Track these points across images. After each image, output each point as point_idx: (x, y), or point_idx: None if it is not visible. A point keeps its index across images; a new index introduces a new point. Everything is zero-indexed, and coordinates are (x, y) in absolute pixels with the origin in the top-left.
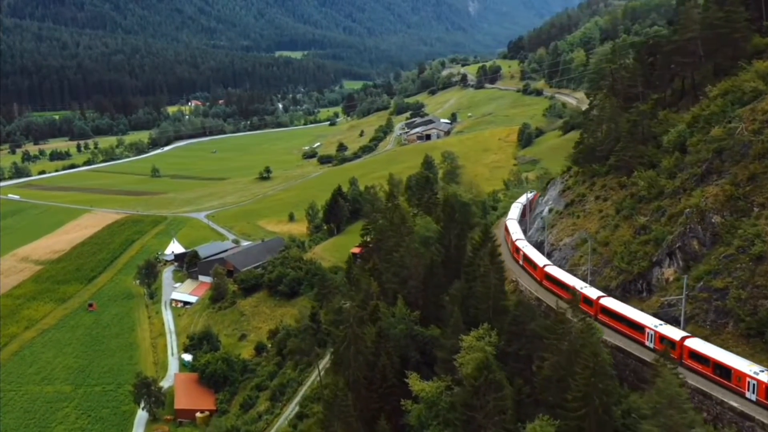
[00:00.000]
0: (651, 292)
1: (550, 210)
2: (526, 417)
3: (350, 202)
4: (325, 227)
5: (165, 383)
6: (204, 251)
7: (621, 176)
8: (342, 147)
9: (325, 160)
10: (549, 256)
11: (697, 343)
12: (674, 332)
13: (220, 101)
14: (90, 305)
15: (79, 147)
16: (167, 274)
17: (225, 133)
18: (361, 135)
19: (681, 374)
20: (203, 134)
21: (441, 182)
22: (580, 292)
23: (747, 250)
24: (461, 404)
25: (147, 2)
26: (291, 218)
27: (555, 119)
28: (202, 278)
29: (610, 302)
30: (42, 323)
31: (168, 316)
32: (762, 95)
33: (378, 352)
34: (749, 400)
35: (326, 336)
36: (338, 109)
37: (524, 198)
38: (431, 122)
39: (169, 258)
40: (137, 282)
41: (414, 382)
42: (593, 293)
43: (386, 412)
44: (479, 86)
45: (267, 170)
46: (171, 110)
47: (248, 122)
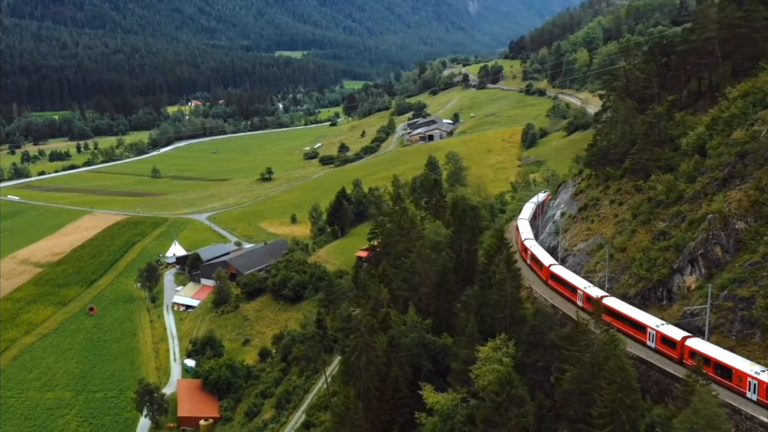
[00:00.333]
0: (672, 300)
1: (563, 214)
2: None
3: (354, 204)
4: (329, 229)
5: (167, 390)
6: (206, 254)
7: (637, 180)
8: (344, 148)
9: (327, 161)
10: (563, 262)
11: (698, 343)
12: (675, 332)
13: (221, 101)
14: (91, 309)
15: (79, 147)
16: (169, 278)
17: (225, 134)
18: (363, 135)
19: (715, 391)
20: (203, 134)
21: (446, 184)
22: (583, 292)
23: None
24: (482, 420)
25: (147, 2)
26: (293, 220)
27: (559, 120)
28: (205, 281)
29: (613, 302)
30: (42, 327)
31: (170, 321)
32: None
33: (390, 362)
34: (750, 400)
35: (333, 343)
36: (339, 110)
37: (537, 198)
38: (433, 123)
39: (171, 261)
40: (138, 285)
41: (428, 394)
42: (596, 293)
43: (399, 425)
44: (481, 86)
45: (268, 171)
46: (171, 110)
47: (249, 122)
